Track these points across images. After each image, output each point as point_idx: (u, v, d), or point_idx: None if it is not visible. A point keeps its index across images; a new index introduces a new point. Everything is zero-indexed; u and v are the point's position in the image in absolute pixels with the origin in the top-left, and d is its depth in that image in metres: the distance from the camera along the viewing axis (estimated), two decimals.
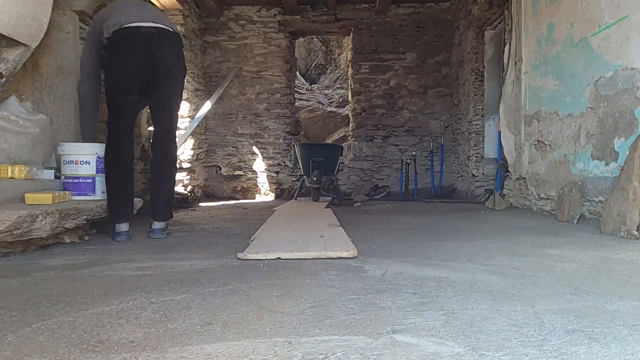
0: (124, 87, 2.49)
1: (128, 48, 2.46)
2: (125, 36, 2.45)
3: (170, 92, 2.60)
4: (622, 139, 2.71)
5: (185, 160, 5.83)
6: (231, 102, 6.70)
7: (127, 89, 2.49)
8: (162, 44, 2.53)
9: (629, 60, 2.65)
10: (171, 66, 2.56)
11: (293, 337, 0.98)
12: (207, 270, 1.67)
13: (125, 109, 2.51)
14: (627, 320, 1.07)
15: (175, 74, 2.61)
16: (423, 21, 6.62)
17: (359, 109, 6.73)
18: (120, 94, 2.50)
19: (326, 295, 1.31)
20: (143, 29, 2.47)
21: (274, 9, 6.64)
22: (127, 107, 2.52)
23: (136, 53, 2.45)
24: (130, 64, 2.46)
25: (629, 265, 1.70)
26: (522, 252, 1.97)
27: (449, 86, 6.59)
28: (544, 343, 0.94)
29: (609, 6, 2.83)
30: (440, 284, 1.43)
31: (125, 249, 2.17)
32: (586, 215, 3.02)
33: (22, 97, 2.74)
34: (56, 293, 1.36)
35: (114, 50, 2.49)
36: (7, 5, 2.11)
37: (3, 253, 1.96)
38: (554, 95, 3.54)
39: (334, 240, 2.20)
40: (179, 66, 2.63)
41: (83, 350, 0.92)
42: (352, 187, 6.67)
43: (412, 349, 0.91)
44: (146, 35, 2.47)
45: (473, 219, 3.40)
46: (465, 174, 5.91)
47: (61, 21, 2.81)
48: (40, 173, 2.48)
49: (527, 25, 4.02)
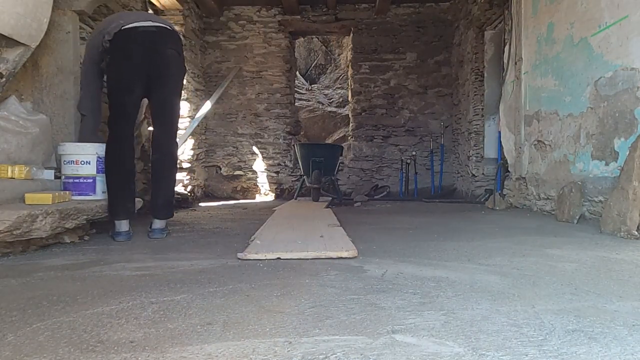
0: (126, 84, 2.51)
1: (130, 45, 2.49)
2: (127, 35, 2.49)
3: (171, 91, 2.62)
4: (622, 139, 2.71)
5: (185, 160, 5.83)
6: (231, 102, 6.70)
7: (130, 86, 2.50)
8: (163, 40, 2.57)
9: (629, 60, 2.65)
10: (172, 63, 2.59)
11: (293, 337, 0.98)
12: (207, 270, 1.67)
13: (128, 106, 2.52)
14: (627, 320, 1.07)
15: (176, 72, 2.64)
16: (423, 21, 6.62)
17: (359, 109, 6.73)
18: (123, 91, 2.52)
19: (326, 295, 1.31)
20: (143, 27, 2.51)
21: (274, 9, 6.64)
22: (129, 104, 2.53)
23: (138, 49, 2.48)
24: (132, 61, 2.49)
25: (629, 265, 1.70)
26: (522, 252, 1.97)
27: (449, 86, 6.59)
28: (544, 343, 0.94)
29: (609, 6, 2.83)
30: (440, 284, 1.43)
31: (125, 249, 2.17)
32: (586, 215, 3.02)
33: (22, 97, 2.74)
34: (56, 293, 1.36)
35: (115, 49, 2.51)
36: (7, 5, 2.11)
37: (3, 253, 1.96)
38: (554, 95, 3.54)
39: (334, 240, 2.20)
40: (179, 64, 2.66)
41: (83, 350, 0.92)
42: (352, 187, 6.67)
43: (412, 349, 0.90)
44: (147, 33, 2.51)
45: (473, 219, 3.40)
46: (465, 174, 5.91)
47: (61, 21, 2.81)
48: (40, 173, 2.48)
49: (527, 25, 4.02)
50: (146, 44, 2.50)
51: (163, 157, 2.62)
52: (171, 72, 2.59)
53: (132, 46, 2.48)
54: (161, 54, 2.53)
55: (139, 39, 2.49)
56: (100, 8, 3.29)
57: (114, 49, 2.51)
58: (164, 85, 2.57)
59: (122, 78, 2.51)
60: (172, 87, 2.62)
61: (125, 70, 2.50)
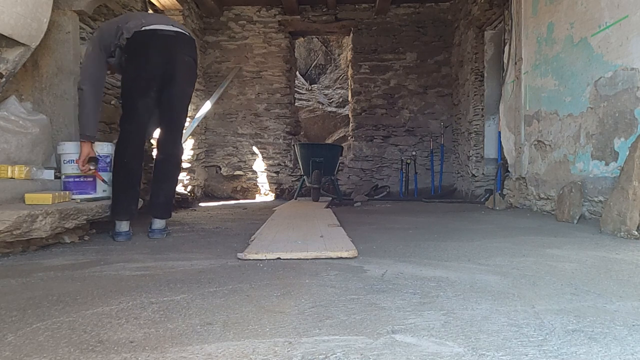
0: (141, 88, 2.51)
1: (149, 48, 2.49)
2: (147, 37, 2.49)
3: (181, 93, 2.62)
4: (622, 139, 2.71)
5: (185, 160, 5.83)
6: (231, 102, 6.70)
7: (145, 90, 2.51)
8: (181, 46, 2.57)
9: (629, 60, 2.65)
10: (186, 69, 2.60)
11: (293, 337, 0.98)
12: (207, 270, 1.67)
13: (142, 108, 2.52)
14: (627, 320, 1.07)
15: (189, 77, 2.66)
16: (423, 21, 6.62)
17: (359, 109, 6.73)
18: (137, 93, 2.52)
19: (326, 295, 1.31)
20: (163, 31, 2.52)
21: (274, 9, 6.64)
22: (142, 107, 2.52)
23: (157, 53, 2.49)
24: (150, 65, 2.49)
25: (629, 265, 1.70)
26: (522, 252, 1.97)
27: (449, 86, 6.59)
28: (544, 343, 0.94)
29: (609, 6, 2.84)
30: (440, 284, 1.43)
31: (125, 249, 2.17)
32: (586, 215, 3.02)
33: (22, 97, 2.74)
34: (56, 293, 1.36)
35: (134, 50, 2.50)
36: (7, 5, 2.11)
37: (3, 253, 1.96)
38: (554, 95, 3.54)
39: (334, 240, 2.20)
40: (193, 70, 2.68)
41: (83, 350, 0.92)
42: (352, 187, 6.67)
43: (412, 349, 0.90)
44: (166, 37, 2.52)
45: (473, 219, 3.40)
46: (465, 174, 5.91)
47: (61, 21, 2.81)
48: (40, 173, 2.48)
49: (527, 25, 4.02)
50: (164, 49, 2.50)
51: (168, 158, 2.63)
52: (184, 78, 2.60)
53: (151, 50, 2.49)
54: (177, 60, 2.54)
55: (158, 43, 2.49)
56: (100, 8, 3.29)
57: (131, 49, 2.50)
58: (176, 86, 2.57)
59: (138, 81, 2.51)
60: (182, 91, 2.62)
61: (142, 73, 2.50)
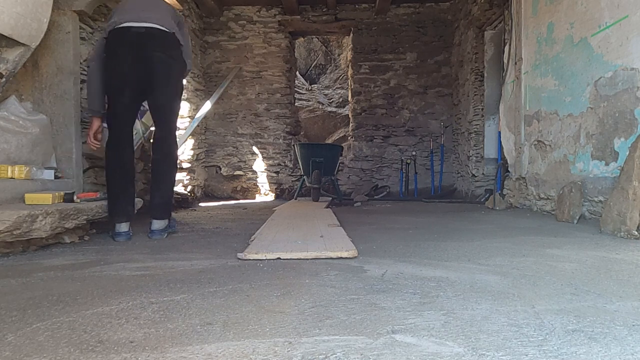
0: (116, 88, 2.51)
1: (118, 49, 2.47)
2: (117, 37, 2.47)
3: (164, 93, 2.58)
4: (622, 139, 2.71)
5: (185, 160, 5.83)
6: (231, 102, 6.70)
7: (119, 90, 2.50)
8: (152, 44, 2.49)
9: (629, 60, 2.65)
10: (162, 66, 2.52)
11: (293, 337, 0.98)
12: (207, 270, 1.67)
13: (118, 108, 2.52)
14: (627, 320, 1.07)
15: (168, 75, 2.57)
16: (423, 21, 6.62)
17: (359, 109, 6.73)
18: (113, 93, 2.52)
19: (326, 295, 1.31)
20: (133, 29, 2.46)
21: (274, 9, 6.64)
22: (120, 107, 2.52)
23: (125, 53, 2.46)
24: (120, 65, 2.47)
25: (629, 265, 1.70)
26: (522, 252, 1.97)
27: (449, 86, 6.59)
28: (544, 343, 0.94)
29: (609, 6, 2.83)
30: (440, 284, 1.43)
31: (125, 249, 2.17)
32: (586, 215, 3.02)
33: (22, 97, 2.74)
34: (56, 293, 1.36)
35: (107, 49, 2.51)
36: (7, 5, 2.11)
37: (3, 253, 1.96)
38: (554, 95, 3.54)
39: (334, 240, 2.20)
40: (172, 66, 2.59)
41: (83, 350, 0.92)
42: (352, 187, 6.67)
43: (412, 349, 0.90)
44: (135, 36, 2.46)
45: (473, 219, 3.40)
46: (465, 174, 5.91)
47: (61, 21, 2.81)
48: (40, 173, 2.48)
49: (527, 25, 4.02)
50: (133, 47, 2.45)
51: (163, 158, 2.62)
52: (163, 74, 2.54)
53: (120, 50, 2.46)
54: (147, 60, 2.48)
55: (127, 42, 2.45)
56: (100, 8, 3.28)
57: (106, 48, 2.51)
58: (156, 90, 2.54)
59: (113, 79, 2.51)
60: (164, 90, 2.57)
61: (115, 74, 2.49)
